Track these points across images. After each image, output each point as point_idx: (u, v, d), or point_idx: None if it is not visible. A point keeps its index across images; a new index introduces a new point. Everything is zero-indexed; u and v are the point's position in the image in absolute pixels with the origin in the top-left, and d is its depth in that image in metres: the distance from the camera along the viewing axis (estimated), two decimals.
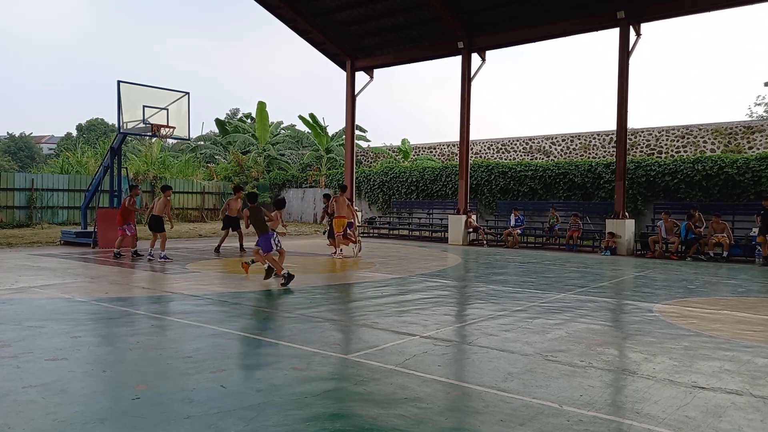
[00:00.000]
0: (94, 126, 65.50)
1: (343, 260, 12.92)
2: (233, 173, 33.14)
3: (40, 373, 4.30)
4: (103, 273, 10.23)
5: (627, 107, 16.76)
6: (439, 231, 21.32)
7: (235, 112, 62.60)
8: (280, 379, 4.22)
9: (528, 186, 22.51)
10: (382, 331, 5.88)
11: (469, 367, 4.76)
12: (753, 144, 21.30)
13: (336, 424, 3.41)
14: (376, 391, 4.03)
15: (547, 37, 18.66)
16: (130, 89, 15.45)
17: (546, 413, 3.64)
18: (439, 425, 3.43)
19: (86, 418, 3.43)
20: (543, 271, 11.86)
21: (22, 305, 7.04)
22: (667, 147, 23.11)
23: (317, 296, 8.09)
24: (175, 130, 16.05)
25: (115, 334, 5.68)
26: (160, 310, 6.87)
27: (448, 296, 8.34)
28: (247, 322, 6.21)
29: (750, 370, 4.69)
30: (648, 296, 8.59)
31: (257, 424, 3.37)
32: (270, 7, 21.17)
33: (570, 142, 25.82)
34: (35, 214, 23.66)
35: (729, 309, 7.63)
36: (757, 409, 3.80)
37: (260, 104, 34.62)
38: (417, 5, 19.27)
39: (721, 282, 10.61)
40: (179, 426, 3.33)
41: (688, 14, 16.40)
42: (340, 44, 22.35)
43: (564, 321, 6.57)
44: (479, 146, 28.63)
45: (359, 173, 28.59)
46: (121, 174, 16.43)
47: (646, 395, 4.00)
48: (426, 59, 21.94)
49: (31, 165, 57.14)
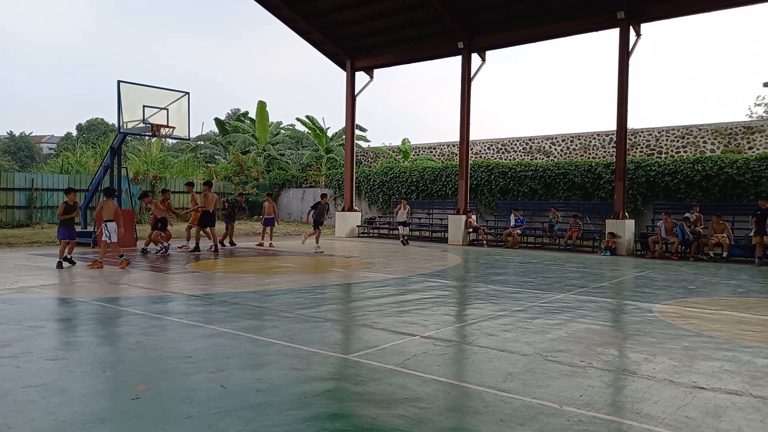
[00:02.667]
0: (94, 126, 65.49)
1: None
2: (233, 173, 33.13)
3: (40, 373, 4.30)
4: (103, 273, 10.23)
5: (627, 107, 16.77)
6: (439, 231, 21.32)
7: (235, 112, 62.59)
8: (280, 379, 4.22)
9: (528, 186, 22.51)
10: (382, 331, 5.88)
11: (469, 367, 4.76)
12: (753, 144, 21.30)
13: (336, 424, 3.41)
14: (376, 391, 4.03)
15: (547, 37, 18.66)
16: (130, 89, 15.45)
17: (546, 413, 3.64)
18: (439, 425, 3.43)
19: (86, 418, 3.43)
20: (543, 271, 11.86)
21: (22, 305, 7.04)
22: (667, 147, 23.11)
23: (317, 296, 8.09)
24: (175, 130, 16.06)
25: (115, 334, 5.69)
26: (160, 310, 6.87)
27: (448, 296, 8.34)
28: (247, 322, 6.21)
29: (750, 370, 4.69)
30: (648, 296, 8.59)
31: (257, 424, 3.37)
32: (270, 7, 21.16)
33: (570, 143, 25.81)
34: (35, 213, 23.65)
35: (729, 309, 7.63)
36: (757, 409, 3.80)
37: (260, 104, 34.61)
38: (417, 5, 19.26)
39: (721, 282, 10.61)
40: (179, 426, 3.33)
41: (688, 14, 16.40)
42: (340, 44, 22.34)
43: (564, 321, 6.57)
44: (479, 146, 28.62)
45: (359, 173, 28.59)
46: (121, 174, 16.43)
47: (646, 395, 4.00)
48: (426, 59, 21.94)
49: (31, 165, 57.12)
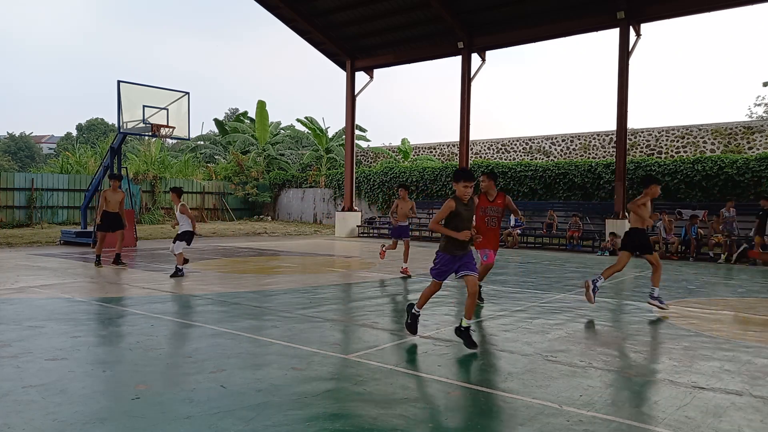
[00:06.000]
0: (94, 126, 65.49)
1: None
2: (233, 173, 33.14)
3: (40, 373, 4.30)
4: (103, 273, 10.22)
5: (627, 107, 16.77)
6: None
7: (234, 112, 62.55)
8: (280, 379, 4.22)
9: (528, 186, 22.51)
10: (382, 331, 5.88)
11: (469, 367, 4.75)
12: (753, 144, 21.30)
13: (336, 424, 3.40)
14: (376, 391, 4.02)
15: (547, 37, 18.67)
16: (130, 89, 15.45)
17: (546, 413, 3.63)
18: (439, 425, 3.42)
19: (86, 418, 3.43)
20: (543, 271, 11.85)
21: (22, 305, 7.03)
22: (667, 147, 23.11)
23: (317, 296, 8.09)
24: (175, 130, 16.06)
25: (115, 334, 5.69)
26: (160, 310, 6.87)
27: (448, 296, 8.33)
28: (247, 322, 6.21)
29: (750, 370, 4.69)
30: (648, 296, 8.57)
31: (257, 424, 3.36)
32: (270, 7, 21.17)
33: (570, 143, 25.81)
34: (35, 213, 23.65)
35: (729, 309, 7.63)
36: (757, 409, 3.80)
37: (260, 103, 34.59)
38: (417, 5, 19.27)
39: (721, 282, 10.61)
40: (179, 426, 3.33)
41: (688, 14, 16.42)
42: (340, 44, 22.34)
43: (564, 321, 6.57)
44: (479, 146, 28.62)
45: (359, 173, 28.58)
46: (120, 174, 16.43)
47: (646, 395, 4.00)
48: (426, 59, 21.94)
49: (31, 165, 57.11)
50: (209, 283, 9.29)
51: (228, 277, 10.12)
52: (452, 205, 5.21)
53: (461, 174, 5.22)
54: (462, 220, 5.23)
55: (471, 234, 5.16)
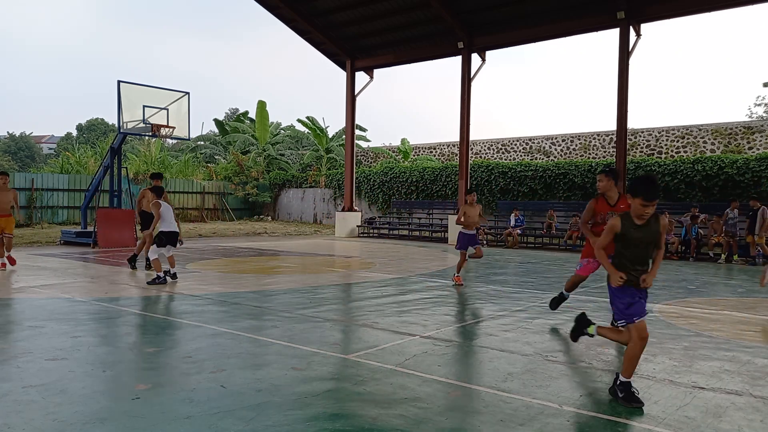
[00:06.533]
0: (94, 126, 65.48)
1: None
2: (233, 173, 33.15)
3: (40, 373, 4.30)
4: (103, 273, 10.22)
5: (627, 107, 16.76)
6: (439, 231, 21.32)
7: (234, 112, 62.54)
8: (280, 379, 4.22)
9: (528, 186, 22.51)
10: (382, 331, 5.88)
11: (469, 367, 4.76)
12: (753, 144, 21.30)
13: (336, 424, 3.41)
14: (376, 391, 4.03)
15: (547, 37, 18.66)
16: (130, 89, 15.45)
17: (546, 413, 3.64)
18: (439, 425, 3.42)
19: (86, 418, 3.43)
20: (543, 271, 11.85)
21: (22, 305, 7.04)
22: (667, 147, 23.10)
23: (317, 296, 8.09)
24: (175, 130, 16.06)
25: (115, 334, 5.69)
26: (160, 310, 6.87)
27: (448, 296, 8.33)
28: (247, 322, 6.21)
29: (750, 370, 4.69)
30: (648, 296, 8.56)
31: (257, 424, 3.37)
32: (270, 7, 21.16)
33: (570, 143, 25.81)
34: (35, 213, 23.65)
35: (729, 309, 7.63)
36: (757, 409, 3.80)
37: (260, 103, 34.59)
38: (417, 5, 19.26)
39: (721, 282, 10.61)
40: (179, 426, 3.33)
41: (688, 14, 16.41)
42: (340, 44, 22.34)
43: (564, 321, 6.56)
44: (479, 146, 28.62)
45: (359, 173, 28.59)
46: (121, 174, 16.44)
47: (646, 395, 4.00)
48: (426, 59, 21.94)
49: (31, 165, 57.12)
50: (209, 283, 9.30)
51: (228, 277, 10.13)
52: (617, 225, 3.91)
53: (642, 188, 3.75)
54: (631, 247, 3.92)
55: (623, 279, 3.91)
